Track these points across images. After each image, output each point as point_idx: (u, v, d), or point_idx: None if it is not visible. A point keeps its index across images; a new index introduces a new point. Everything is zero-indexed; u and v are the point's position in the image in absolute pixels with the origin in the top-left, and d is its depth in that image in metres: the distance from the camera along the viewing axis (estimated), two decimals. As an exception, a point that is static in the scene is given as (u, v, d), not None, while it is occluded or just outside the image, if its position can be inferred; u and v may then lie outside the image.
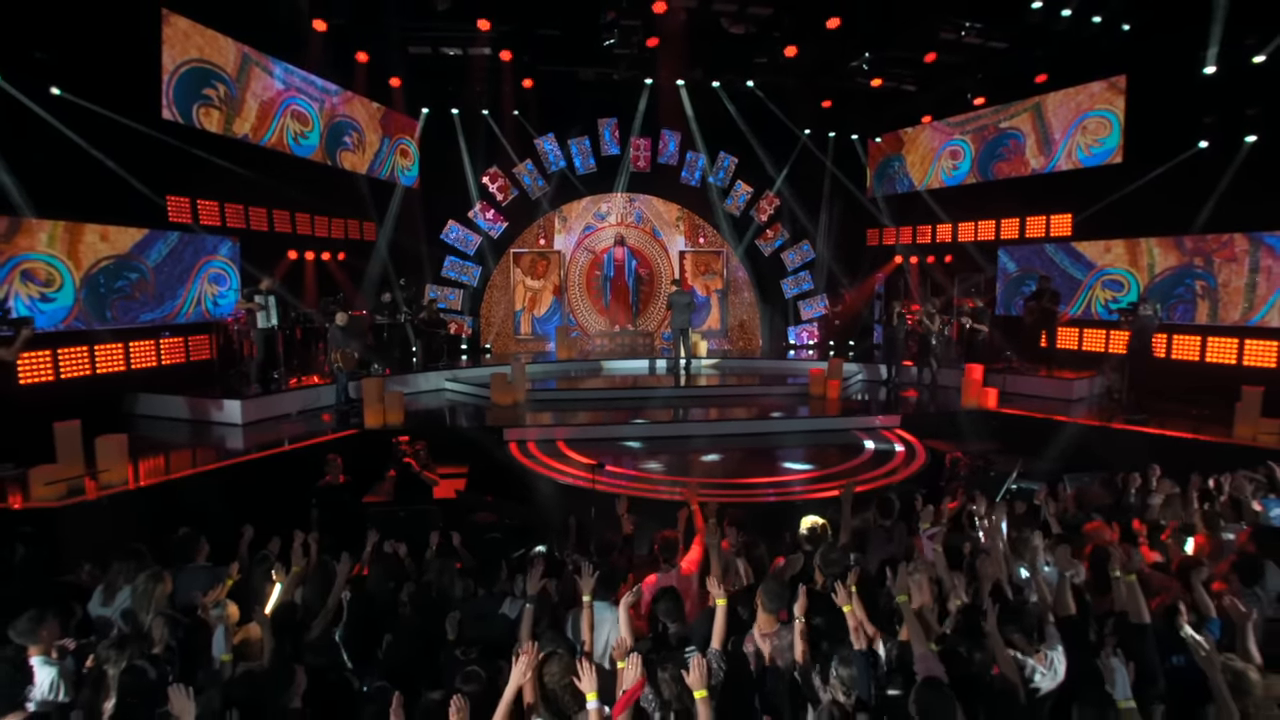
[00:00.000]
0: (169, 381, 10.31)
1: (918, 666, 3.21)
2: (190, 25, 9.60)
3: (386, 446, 8.19)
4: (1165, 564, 4.97)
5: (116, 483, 6.70)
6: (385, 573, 4.67)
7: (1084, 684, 3.28)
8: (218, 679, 3.54)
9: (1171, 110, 11.27)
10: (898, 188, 16.27)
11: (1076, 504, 6.28)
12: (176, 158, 9.71)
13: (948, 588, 4.20)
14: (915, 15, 9.96)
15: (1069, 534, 5.27)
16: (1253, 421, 8.88)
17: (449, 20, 10.66)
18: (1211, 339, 11.48)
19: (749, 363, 15.31)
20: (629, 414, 11.00)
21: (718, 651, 3.37)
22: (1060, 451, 8.84)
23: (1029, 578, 4.38)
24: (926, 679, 2.99)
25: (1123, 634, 3.71)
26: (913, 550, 5.00)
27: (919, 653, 3.28)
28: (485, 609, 4.21)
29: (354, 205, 13.74)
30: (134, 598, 4.27)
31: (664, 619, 3.76)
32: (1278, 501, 6.01)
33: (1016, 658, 3.47)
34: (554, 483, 8.06)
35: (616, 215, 16.65)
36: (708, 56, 12.27)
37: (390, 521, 6.00)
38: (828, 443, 10.05)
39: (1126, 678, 3.02)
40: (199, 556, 4.83)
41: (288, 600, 4.24)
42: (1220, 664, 3.24)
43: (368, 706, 3.23)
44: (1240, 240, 11.05)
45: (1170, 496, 6.07)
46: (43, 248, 8.81)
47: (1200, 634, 3.78)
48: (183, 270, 10.73)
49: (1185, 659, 3.48)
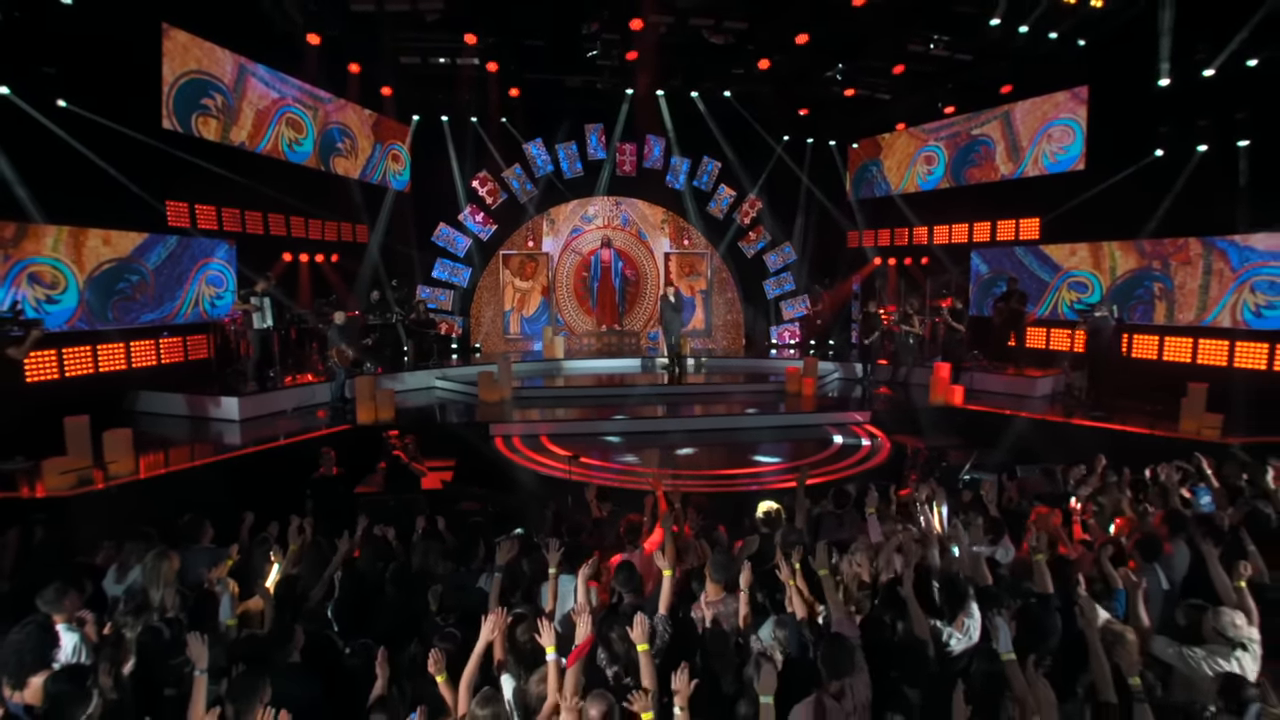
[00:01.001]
0: (168, 380, 10.73)
1: (835, 628, 3.69)
2: (189, 38, 10.03)
3: (378, 441, 8.64)
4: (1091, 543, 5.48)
5: (123, 474, 7.16)
6: (375, 554, 5.11)
7: (986, 641, 3.77)
8: (224, 640, 4.00)
9: (1130, 120, 11.81)
10: (876, 192, 16.78)
11: (1019, 492, 6.79)
12: (176, 165, 10.15)
13: (882, 565, 4.69)
14: (879, 31, 10.46)
15: (1010, 519, 5.79)
16: (1197, 416, 9.40)
17: (438, 32, 11.09)
18: (1168, 338, 12.01)
19: (732, 361, 15.79)
20: (611, 410, 11.48)
21: (664, 616, 3.84)
22: (1019, 445, 9.35)
23: (960, 555, 4.88)
24: (832, 634, 3.47)
25: (1028, 602, 4.22)
26: (859, 533, 5.50)
27: (836, 617, 3.77)
28: (464, 583, 4.68)
29: (347, 209, 14.19)
30: (144, 574, 4.72)
31: (621, 588, 4.24)
32: (1206, 490, 6.51)
33: (935, 625, 3.96)
34: (535, 474, 8.54)
35: (603, 218, 17.11)
36: (687, 67, 12.75)
37: (380, 510, 6.45)
38: (799, 437, 10.55)
39: (1008, 634, 3.49)
40: (203, 539, 5.28)
41: (288, 574, 4.70)
42: (1102, 626, 3.74)
43: (353, 660, 3.70)
44: (1194, 244, 11.57)
45: (1106, 485, 6.58)
46: (48, 251, 9.23)
47: (1105, 603, 4.33)
48: (181, 272, 11.15)
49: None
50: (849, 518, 6.10)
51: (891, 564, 4.68)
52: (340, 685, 3.63)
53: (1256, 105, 10.45)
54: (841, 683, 3.20)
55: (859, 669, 3.33)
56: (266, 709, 2.93)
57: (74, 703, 3.14)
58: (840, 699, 3.17)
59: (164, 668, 3.66)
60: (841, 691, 3.18)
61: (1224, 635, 3.81)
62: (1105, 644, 3.59)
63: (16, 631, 3.67)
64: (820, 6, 9.63)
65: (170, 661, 3.65)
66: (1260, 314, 10.92)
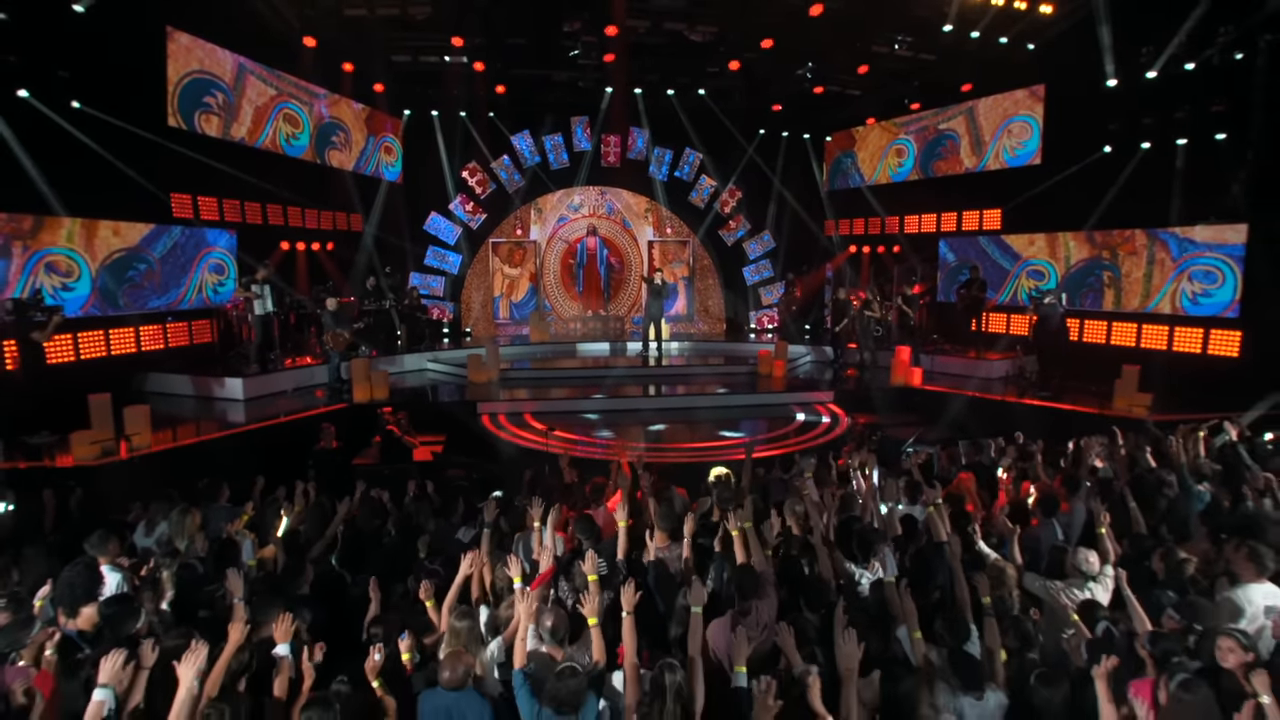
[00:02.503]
0: (175, 362, 11.42)
1: (754, 565, 4.47)
2: (191, 40, 10.63)
3: (374, 418, 9.39)
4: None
5: (143, 445, 7.89)
6: (371, 512, 5.88)
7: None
8: (246, 579, 4.75)
9: (1082, 117, 12.54)
10: (850, 183, 17.47)
11: (949, 461, 7.59)
12: (180, 159, 10.78)
13: (814, 521, 5.47)
14: (841, 37, 11.13)
15: (939, 484, 6.61)
16: (1129, 395, 10.21)
17: (427, 32, 11.70)
18: (1116, 324, 12.80)
19: (709, 345, 16.56)
20: (591, 390, 12.25)
21: (622, 561, 4.62)
22: (968, 422, 10.13)
23: (886, 512, 5.68)
24: (743, 565, 4.25)
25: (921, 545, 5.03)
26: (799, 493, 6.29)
27: (755, 559, 4.54)
28: (447, 534, 5.46)
29: (341, 200, 14.84)
30: (170, 527, 5.47)
31: (581, 536, 5.01)
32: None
33: (849, 567, 4.75)
34: (517, 447, 9.32)
35: (589, 207, 17.77)
36: (663, 67, 13.40)
37: (376, 478, 7.20)
38: (764, 415, 11.34)
39: (893, 563, 4.29)
40: (221, 498, 6.04)
41: (294, 528, 5.46)
42: (990, 563, 4.56)
43: (353, 590, 4.46)
44: (1140, 236, 12.34)
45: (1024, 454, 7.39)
46: (63, 242, 9.89)
47: (1002, 549, 5.15)
48: (186, 261, 11.80)
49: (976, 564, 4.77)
50: (794, 481, 6.89)
51: (822, 519, 5.49)
52: (344, 611, 4.40)
53: (1194, 106, 11.17)
54: (749, 604, 3.96)
55: (766, 595, 4.09)
56: (283, 617, 3.67)
57: (124, 620, 3.90)
58: (746, 615, 3.93)
59: (198, 596, 4.41)
60: (748, 610, 3.94)
61: (1080, 570, 4.60)
62: (990, 576, 4.37)
63: (68, 570, 4.42)
64: (784, 13, 10.25)
65: (204, 590, 4.41)
66: (1196, 301, 11.71)
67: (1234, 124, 10.63)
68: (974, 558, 4.94)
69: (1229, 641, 3.50)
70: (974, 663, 3.53)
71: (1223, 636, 3.53)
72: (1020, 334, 14.04)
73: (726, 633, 3.71)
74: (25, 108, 8.74)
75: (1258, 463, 6.81)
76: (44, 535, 5.75)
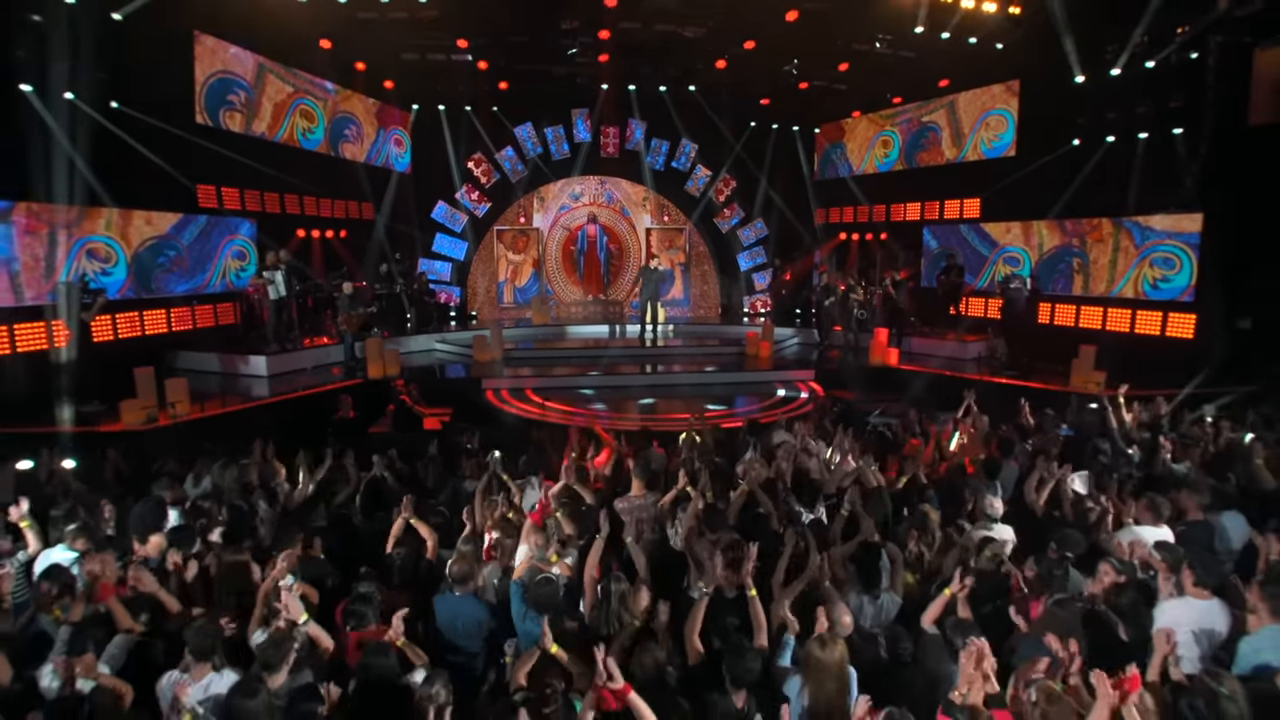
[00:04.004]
0: (202, 342, 12.33)
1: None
2: (216, 42, 11.47)
3: (387, 393, 10.28)
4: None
5: (183, 413, 8.83)
6: (387, 467, 6.78)
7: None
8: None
9: (1053, 112, 13.24)
10: (840, 172, 18.20)
11: (903, 429, 8.44)
12: (206, 153, 11.64)
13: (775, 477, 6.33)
14: (819, 39, 11.87)
15: (894, 448, 7.51)
16: (1085, 373, 11.00)
17: (434, 32, 12.49)
18: (1084, 308, 13.54)
19: (702, 328, 17.40)
20: (589, 368, 13.11)
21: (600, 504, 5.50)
22: (935, 398, 10.94)
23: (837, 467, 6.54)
24: (709, 506, 5.13)
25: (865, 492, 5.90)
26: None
27: (720, 506, 5.40)
28: (454, 485, 6.37)
29: (354, 189, 15.70)
30: (215, 476, 6.40)
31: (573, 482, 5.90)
32: (1070, 429, 8.18)
33: (792, 509, 5.62)
34: (517, 417, 10.23)
35: (589, 196, 18.58)
36: (656, 64, 14.18)
37: (390, 445, 8.09)
38: (748, 391, 12.20)
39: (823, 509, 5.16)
40: (257, 455, 6.93)
41: (320, 480, 6.36)
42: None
43: (371, 526, 5.37)
44: (1106, 224, 13.05)
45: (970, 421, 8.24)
46: (102, 230, 10.80)
47: (928, 499, 5.98)
48: (211, 247, 12.70)
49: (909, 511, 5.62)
50: (762, 442, 7.78)
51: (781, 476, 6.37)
52: (359, 543, 5.31)
53: (1154, 102, 11.86)
54: (716, 535, 4.81)
55: (728, 528, 4.96)
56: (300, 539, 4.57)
57: (185, 542, 4.81)
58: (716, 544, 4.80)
59: (242, 528, 5.31)
60: (719, 540, 4.80)
61: (985, 514, 5.45)
62: (916, 519, 5.24)
63: (139, 506, 5.35)
64: (764, 17, 11.00)
65: (248, 524, 5.31)
66: (1157, 286, 12.44)
67: (1189, 119, 11.31)
68: (905, 504, 5.84)
69: (1106, 565, 4.38)
70: (875, 575, 4.37)
71: (1103, 562, 4.41)
72: (995, 317, 14.83)
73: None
74: (71, 108, 9.59)
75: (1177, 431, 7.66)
76: (106, 486, 6.69)
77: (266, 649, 3.43)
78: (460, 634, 4.29)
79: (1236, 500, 5.95)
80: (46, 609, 4.08)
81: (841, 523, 5.16)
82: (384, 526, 5.21)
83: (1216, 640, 3.99)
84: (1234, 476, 6.50)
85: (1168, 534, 5.07)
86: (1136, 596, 4.19)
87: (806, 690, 3.23)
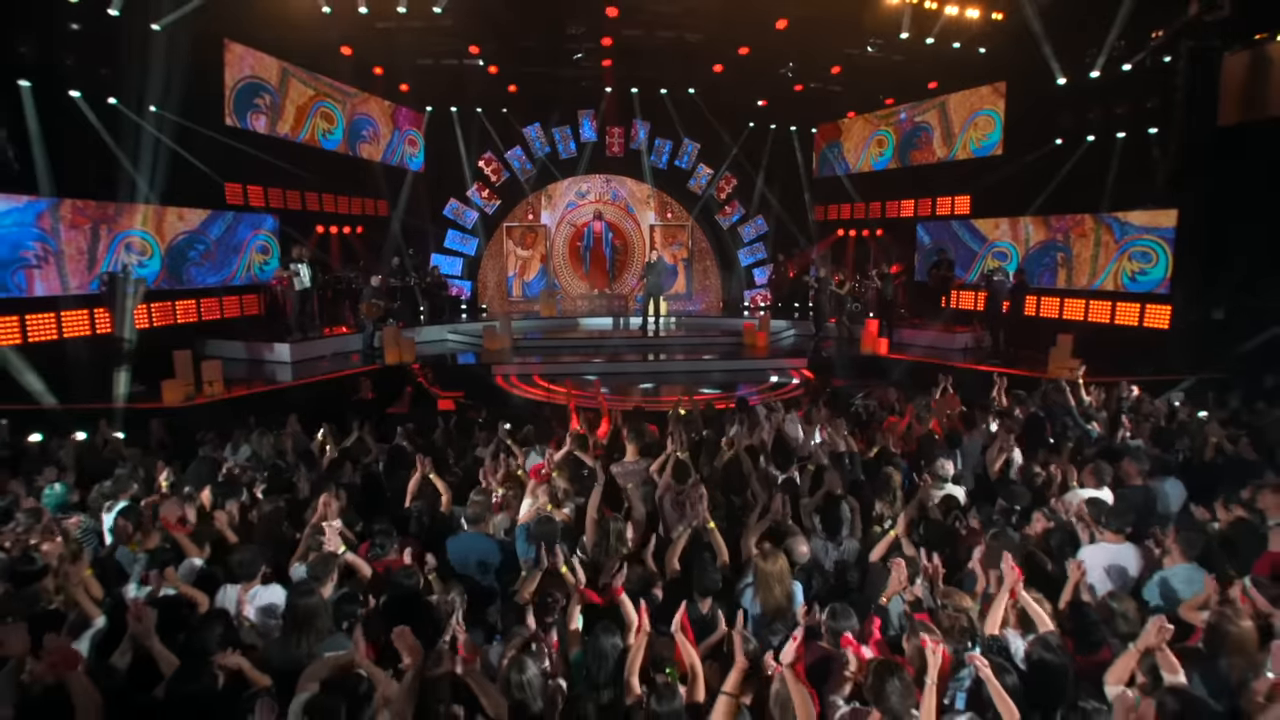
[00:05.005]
0: (229, 330, 13.11)
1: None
2: (244, 49, 12.23)
3: (404, 377, 11.02)
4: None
5: (218, 393, 9.60)
6: (406, 437, 7.51)
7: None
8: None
9: (1038, 112, 13.83)
10: (837, 170, 18.82)
11: (880, 407, 9.13)
12: (233, 152, 12.41)
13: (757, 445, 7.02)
14: (809, 45, 12.54)
15: (871, 421, 8.22)
16: (1062, 360, 11.61)
17: (448, 39, 13.24)
18: (1067, 300, 14.13)
19: (703, 320, 18.09)
20: (593, 356, 13.84)
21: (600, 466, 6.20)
22: (919, 383, 11.57)
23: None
24: (679, 462, 5.81)
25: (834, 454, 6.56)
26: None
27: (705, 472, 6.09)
28: (467, 453, 7.09)
29: (370, 188, 16.48)
30: (254, 444, 7.15)
31: (574, 449, 6.60)
32: (1044, 410, 8.80)
33: (769, 472, 6.31)
34: (524, 399, 10.97)
35: (595, 194, 19.29)
36: (658, 68, 14.91)
37: (408, 422, 8.82)
38: (743, 378, 12.89)
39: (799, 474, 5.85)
40: (289, 427, 7.68)
41: (344, 447, 7.10)
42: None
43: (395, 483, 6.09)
44: (1088, 220, 13.64)
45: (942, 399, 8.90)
46: (139, 225, 11.58)
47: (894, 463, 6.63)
48: (237, 242, 13.48)
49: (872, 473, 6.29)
50: (749, 417, 8.49)
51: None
52: (382, 498, 6.03)
53: (1131, 103, 12.45)
54: (681, 486, 5.50)
55: (695, 482, 5.64)
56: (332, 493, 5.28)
57: (231, 494, 5.53)
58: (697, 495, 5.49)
59: (282, 483, 6.04)
60: (700, 496, 5.49)
61: (938, 475, 6.11)
62: (881, 480, 5.91)
63: (195, 464, 6.12)
64: (757, 25, 11.69)
65: (287, 479, 6.05)
66: (1135, 279, 13.03)
67: (1163, 120, 11.90)
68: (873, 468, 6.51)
69: (1039, 514, 5.07)
70: (837, 524, 5.04)
71: (1037, 511, 5.10)
72: (982, 310, 15.43)
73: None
74: (113, 112, 10.38)
75: (1133, 412, 8.30)
76: (153, 453, 7.45)
77: (315, 565, 4.15)
78: (472, 567, 4.99)
79: (1177, 469, 6.60)
80: (125, 541, 4.83)
81: (810, 478, 5.85)
82: (404, 484, 5.92)
83: (1127, 576, 4.65)
84: (1182, 450, 7.15)
85: (1108, 495, 5.72)
86: (1063, 538, 4.88)
87: (757, 598, 3.92)
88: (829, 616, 3.53)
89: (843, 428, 6.95)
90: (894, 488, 5.96)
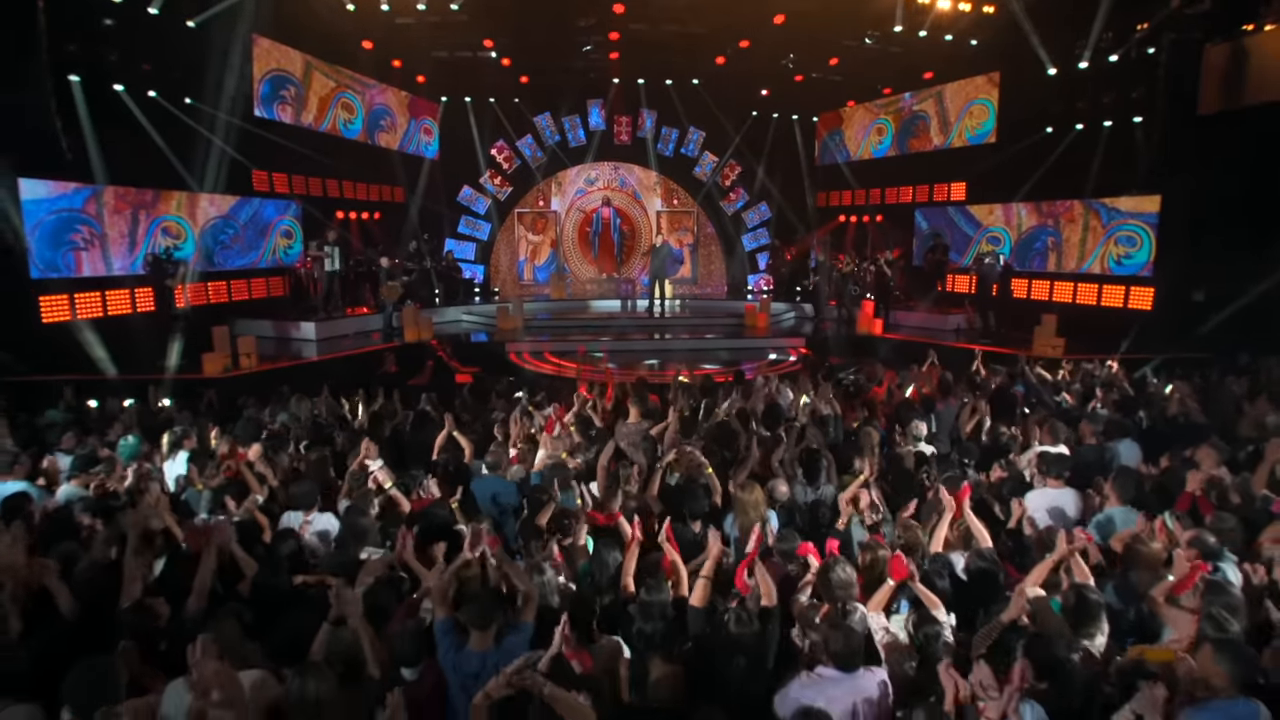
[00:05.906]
0: (256, 310, 13.87)
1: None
2: (271, 44, 12.92)
3: (423, 353, 11.77)
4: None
5: (253, 366, 10.38)
6: (431, 404, 8.24)
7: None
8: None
9: (1029, 101, 14.34)
10: (839, 158, 19.36)
11: (867, 380, 9.79)
12: (261, 141, 13.12)
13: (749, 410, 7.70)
14: (807, 39, 13.12)
15: (858, 393, 8.87)
16: (1047, 339, 12.20)
17: (463, 33, 13.89)
18: (1057, 283, 14.69)
19: (707, 303, 18.73)
20: (601, 334, 14.55)
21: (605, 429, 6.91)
22: (910, 360, 12.19)
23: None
24: (684, 418, 6.51)
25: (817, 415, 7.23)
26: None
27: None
28: (485, 415, 7.82)
29: (388, 175, 17.17)
30: (293, 407, 7.89)
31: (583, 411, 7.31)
32: (1021, 383, 9.43)
33: (760, 433, 6.99)
34: (535, 373, 11.70)
35: (604, 181, 19.93)
36: (664, 59, 15.52)
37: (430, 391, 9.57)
38: (743, 356, 13.57)
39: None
40: (323, 393, 8.42)
41: (374, 411, 7.83)
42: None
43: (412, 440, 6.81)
44: (1077, 205, 14.18)
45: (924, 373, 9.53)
46: (174, 210, 12.33)
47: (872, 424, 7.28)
48: (263, 227, 14.22)
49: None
50: (745, 389, 9.17)
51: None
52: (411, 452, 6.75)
53: (1117, 93, 12.96)
54: (692, 450, 6.18)
55: (697, 437, 6.34)
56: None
57: (279, 449, 6.26)
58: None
59: (324, 438, 6.78)
60: (694, 459, 6.16)
61: (911, 435, 6.78)
62: (861, 438, 6.57)
63: (240, 423, 6.86)
64: (756, 20, 12.28)
65: (329, 434, 6.79)
66: (1121, 263, 13.57)
67: (1147, 109, 12.41)
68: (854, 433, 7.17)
69: (996, 465, 5.76)
70: (816, 472, 5.71)
71: (995, 463, 5.78)
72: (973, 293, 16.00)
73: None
74: (153, 104, 11.11)
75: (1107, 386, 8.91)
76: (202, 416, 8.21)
77: (359, 499, 4.89)
78: (492, 507, 5.71)
79: (1136, 433, 7.25)
80: (193, 482, 5.58)
81: (795, 434, 6.53)
82: (431, 441, 6.65)
83: (1065, 517, 5.31)
84: (1145, 417, 7.80)
85: (1064, 452, 6.37)
86: (1015, 486, 5.56)
87: (736, 523, 4.62)
88: (777, 540, 4.23)
89: (828, 393, 7.61)
90: (872, 445, 6.66)
